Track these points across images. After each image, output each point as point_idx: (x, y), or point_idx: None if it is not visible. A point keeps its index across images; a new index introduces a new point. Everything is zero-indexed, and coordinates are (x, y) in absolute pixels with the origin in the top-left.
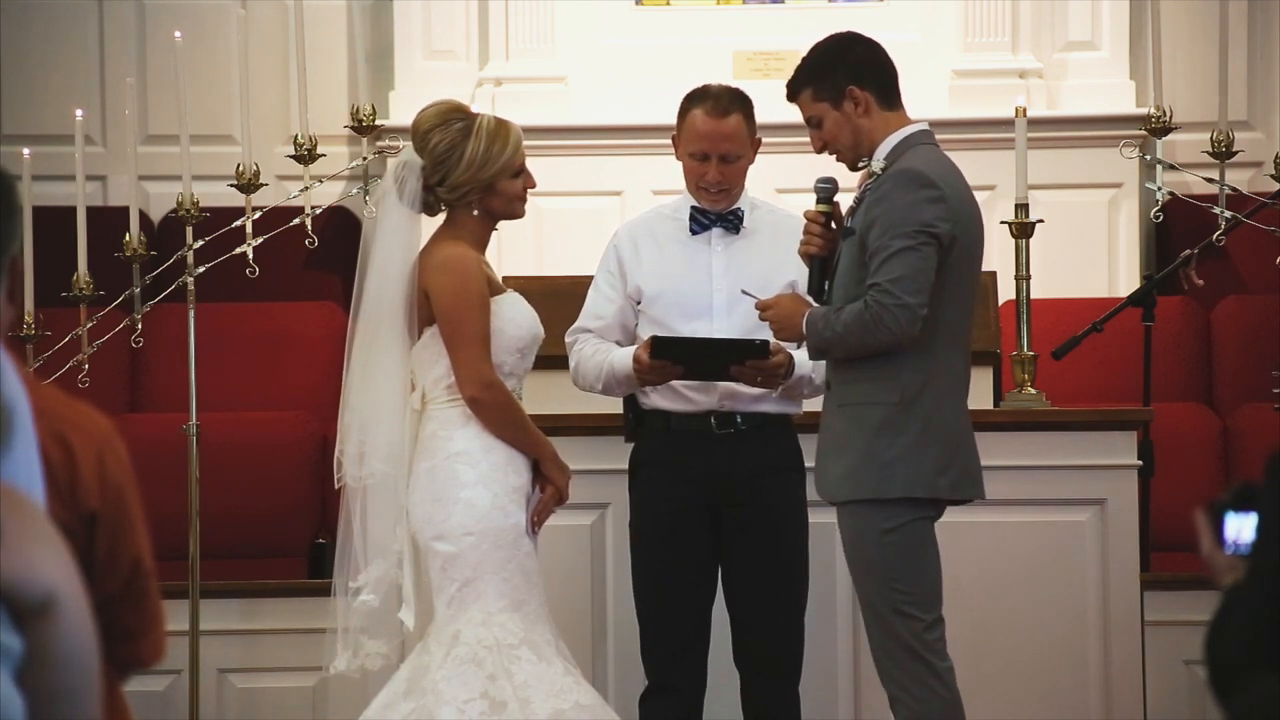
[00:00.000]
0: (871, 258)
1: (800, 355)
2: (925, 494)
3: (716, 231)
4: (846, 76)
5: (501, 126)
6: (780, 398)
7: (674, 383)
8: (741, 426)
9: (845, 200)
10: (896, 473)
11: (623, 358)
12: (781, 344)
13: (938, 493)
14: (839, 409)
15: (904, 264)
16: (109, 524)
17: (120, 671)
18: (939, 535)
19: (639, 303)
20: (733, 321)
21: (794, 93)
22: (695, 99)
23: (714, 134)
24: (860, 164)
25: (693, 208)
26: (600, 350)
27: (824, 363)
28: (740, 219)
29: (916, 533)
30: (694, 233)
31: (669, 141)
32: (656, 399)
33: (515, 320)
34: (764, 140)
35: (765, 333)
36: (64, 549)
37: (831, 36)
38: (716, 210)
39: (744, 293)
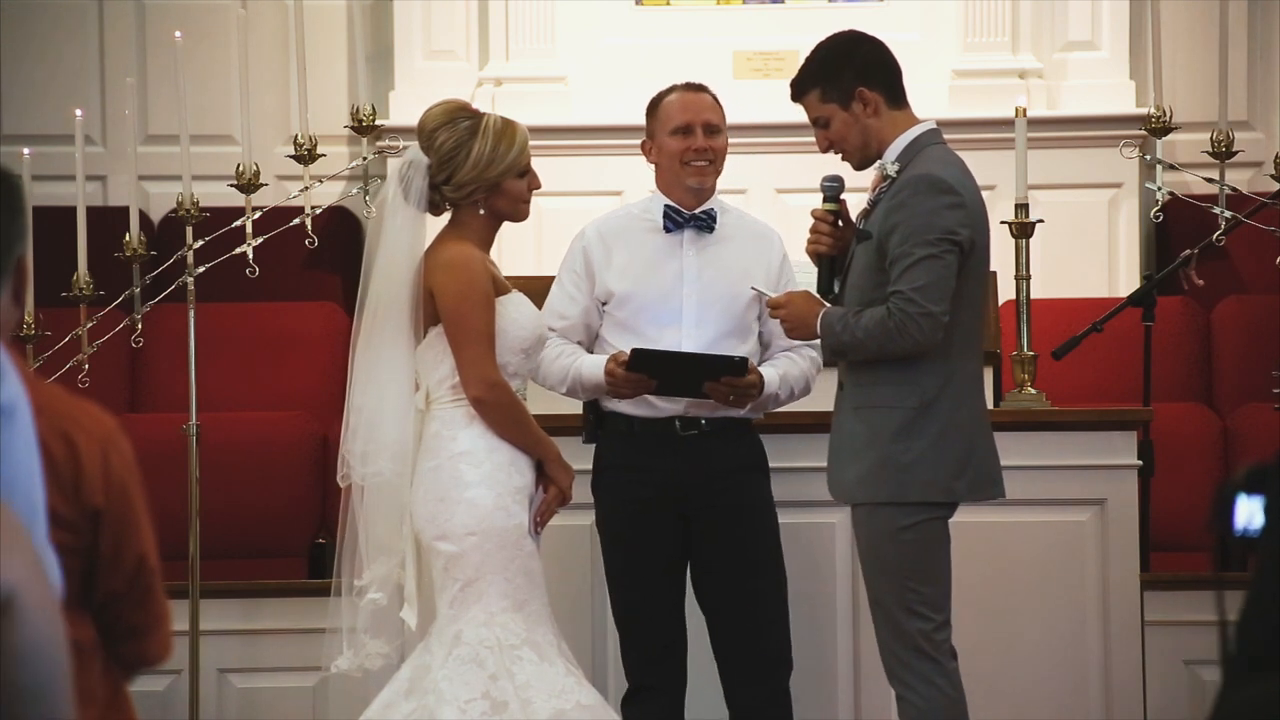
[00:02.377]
0: (893, 264)
1: (768, 373)
2: (943, 498)
3: (689, 234)
4: (855, 77)
5: (508, 126)
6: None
7: None
8: (706, 428)
9: (850, 198)
10: (915, 476)
11: (592, 367)
12: (752, 363)
13: (955, 496)
14: (855, 411)
15: (928, 272)
16: (113, 521)
17: (126, 670)
18: None
19: (605, 304)
20: (703, 330)
21: (800, 93)
22: (663, 93)
23: (693, 105)
24: (867, 165)
25: (666, 206)
26: (565, 353)
27: (789, 380)
28: (713, 219)
29: (932, 532)
30: (667, 230)
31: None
32: (620, 403)
33: (519, 320)
34: (765, 140)
35: (735, 342)
36: (28, 547)
37: (836, 35)
38: (703, 186)
39: (754, 289)
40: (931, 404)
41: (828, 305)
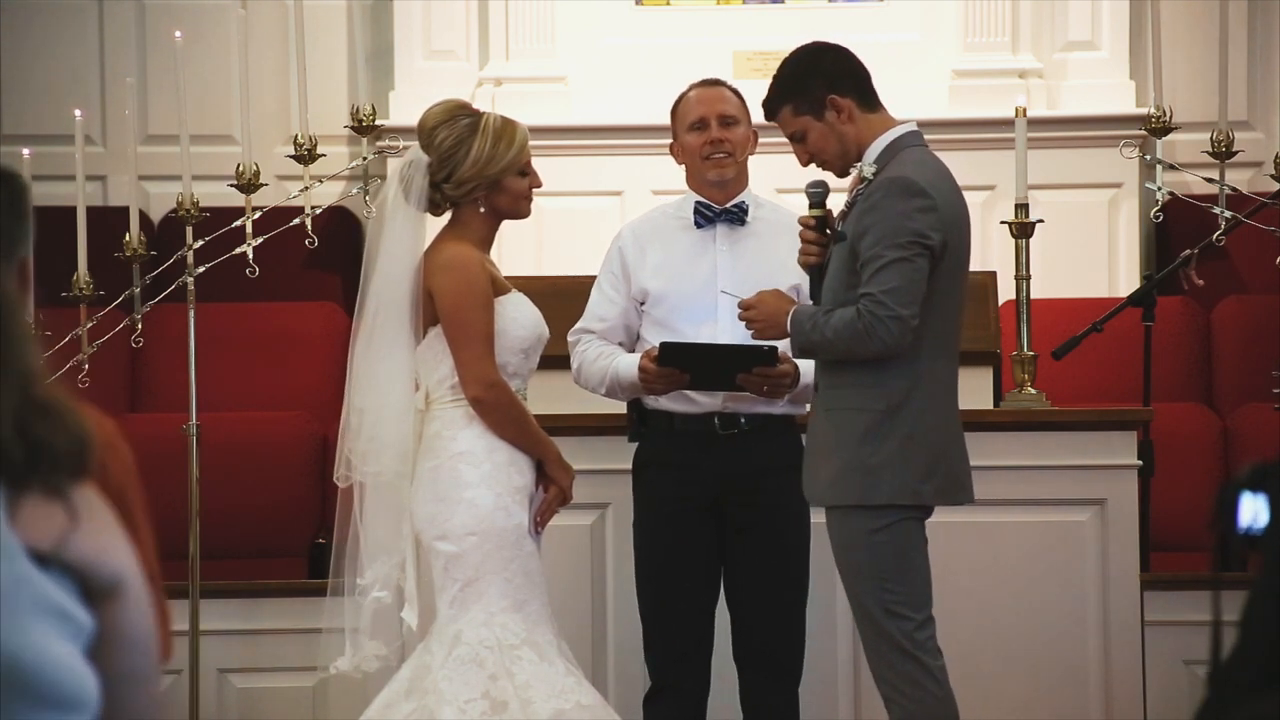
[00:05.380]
0: (864, 266)
1: (805, 364)
2: (910, 501)
3: (721, 228)
4: (824, 87)
5: (508, 125)
6: (785, 404)
7: None
8: (745, 427)
9: (836, 202)
10: (882, 479)
11: (628, 366)
12: (786, 353)
13: (922, 499)
14: (826, 413)
15: (897, 275)
16: None
17: None
18: (937, 535)
19: (643, 304)
20: (738, 325)
21: (772, 111)
22: (682, 93)
23: (708, 99)
24: (850, 171)
25: (697, 202)
26: (604, 354)
27: None
28: (745, 212)
29: (905, 533)
30: (699, 225)
31: (669, 141)
32: (662, 400)
33: (519, 320)
34: (764, 141)
35: None
36: (127, 540)
37: (798, 49)
38: (722, 179)
39: (724, 292)
40: (899, 407)
41: (798, 303)
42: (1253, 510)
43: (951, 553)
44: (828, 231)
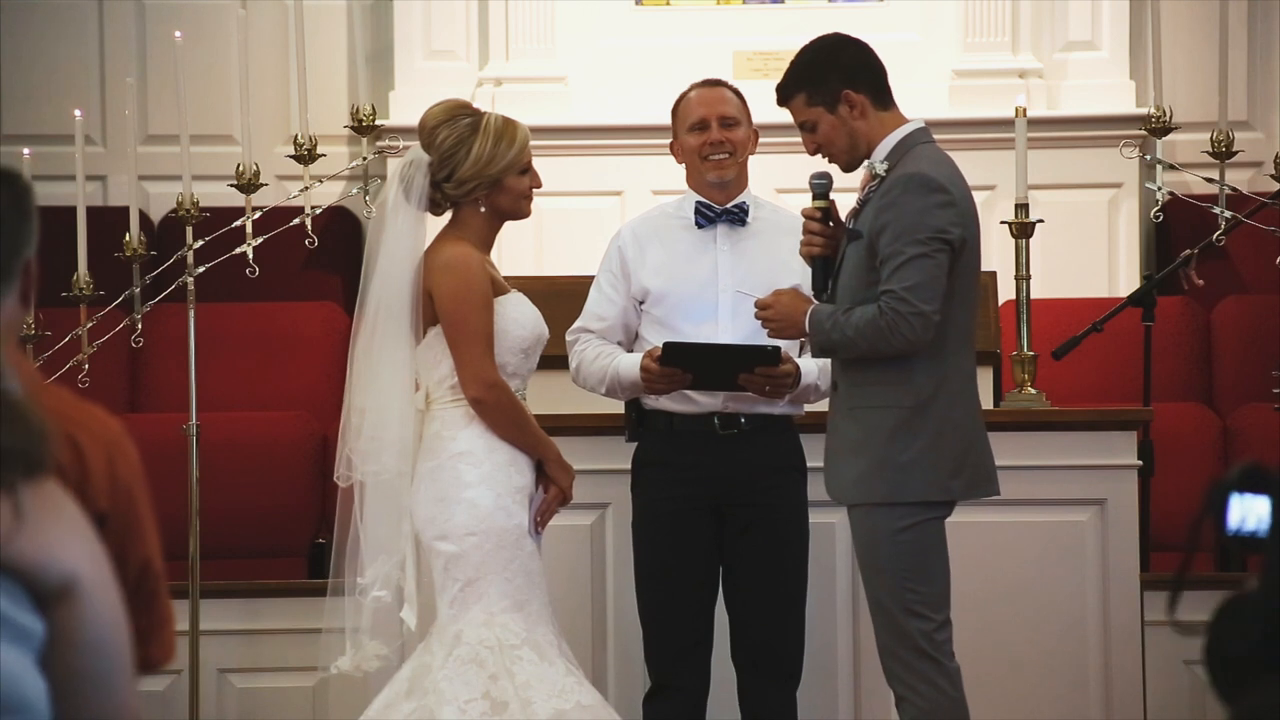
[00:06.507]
0: (884, 263)
1: (806, 364)
2: (941, 497)
3: (722, 228)
4: (841, 80)
5: (509, 124)
6: (785, 404)
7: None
8: (745, 427)
9: (839, 196)
10: (913, 476)
11: (629, 366)
12: (788, 353)
13: (952, 495)
14: (850, 412)
15: (919, 271)
16: (118, 525)
17: None
18: None
19: (643, 303)
20: (739, 324)
21: (786, 97)
22: (683, 93)
23: (708, 99)
24: (855, 167)
25: (698, 202)
26: (604, 354)
27: (829, 369)
28: (745, 212)
29: (929, 533)
30: (699, 225)
31: (669, 141)
32: (661, 400)
33: (519, 320)
34: (765, 140)
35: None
36: (90, 534)
37: (820, 39)
38: (722, 180)
39: (740, 292)
40: (927, 403)
41: (815, 303)
42: (1242, 511)
43: (952, 553)
44: (831, 224)
